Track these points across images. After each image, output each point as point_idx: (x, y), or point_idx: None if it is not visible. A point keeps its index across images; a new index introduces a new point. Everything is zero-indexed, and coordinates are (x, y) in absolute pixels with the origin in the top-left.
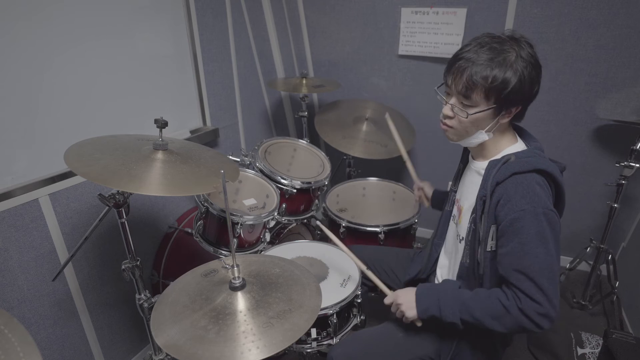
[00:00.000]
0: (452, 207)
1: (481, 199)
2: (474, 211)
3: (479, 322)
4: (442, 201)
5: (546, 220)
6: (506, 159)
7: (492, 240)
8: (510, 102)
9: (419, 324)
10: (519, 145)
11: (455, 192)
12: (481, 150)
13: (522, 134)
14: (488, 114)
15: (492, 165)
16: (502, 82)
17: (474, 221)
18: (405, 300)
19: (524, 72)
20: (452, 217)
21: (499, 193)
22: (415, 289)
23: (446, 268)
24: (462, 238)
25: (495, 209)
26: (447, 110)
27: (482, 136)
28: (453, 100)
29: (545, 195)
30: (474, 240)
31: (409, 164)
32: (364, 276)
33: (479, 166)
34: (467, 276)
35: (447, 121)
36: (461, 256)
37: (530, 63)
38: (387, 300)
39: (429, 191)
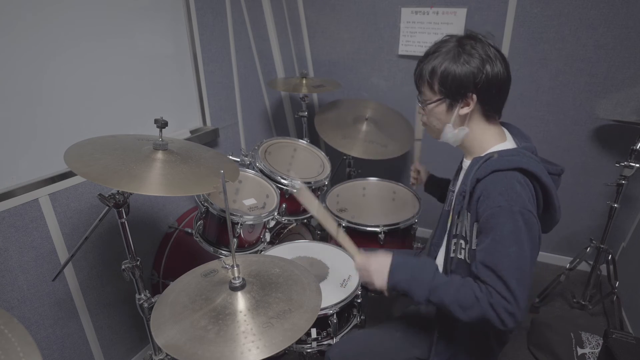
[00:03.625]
0: (450, 207)
1: (461, 195)
2: (454, 207)
3: (445, 307)
4: (437, 187)
5: (522, 220)
6: (488, 157)
7: (476, 238)
8: (455, 93)
9: (387, 294)
10: (507, 145)
11: (453, 191)
12: (468, 149)
13: (515, 133)
14: (443, 107)
15: (474, 162)
16: (440, 74)
17: (451, 217)
18: (378, 271)
19: (462, 63)
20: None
21: (480, 190)
22: (390, 257)
23: (442, 266)
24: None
25: (476, 205)
26: (418, 108)
27: (452, 130)
28: (418, 98)
29: (525, 195)
30: (449, 236)
31: (417, 145)
32: None
33: (467, 164)
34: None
35: (422, 119)
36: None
37: (470, 54)
38: (357, 263)
39: (424, 176)
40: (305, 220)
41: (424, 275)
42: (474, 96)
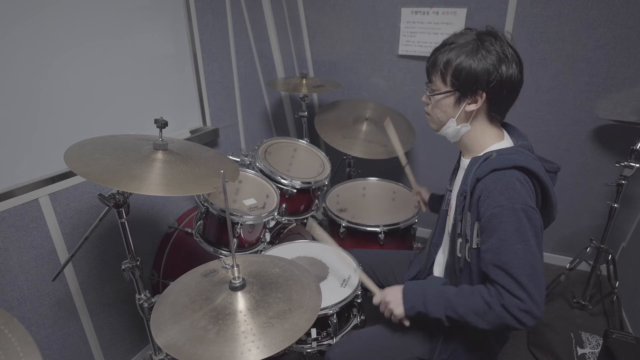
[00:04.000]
0: (447, 206)
1: (462, 195)
2: (456, 207)
3: (462, 318)
4: (439, 205)
5: (525, 217)
6: (487, 156)
7: (477, 237)
8: (467, 88)
9: (407, 323)
10: (505, 143)
11: (450, 191)
12: (466, 147)
13: (512, 132)
14: (451, 100)
15: (473, 161)
16: (454, 66)
17: (454, 217)
18: (393, 298)
19: (479, 59)
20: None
21: (480, 189)
22: (402, 287)
23: (441, 266)
24: (449, 234)
25: (477, 205)
26: (423, 97)
27: (454, 125)
28: (426, 86)
29: (525, 192)
30: (454, 236)
31: (407, 170)
32: None
33: (465, 163)
34: (448, 272)
35: (425, 108)
36: (447, 252)
37: (488, 51)
38: (375, 300)
39: (426, 196)
40: (305, 220)
41: (433, 291)
42: (484, 94)
